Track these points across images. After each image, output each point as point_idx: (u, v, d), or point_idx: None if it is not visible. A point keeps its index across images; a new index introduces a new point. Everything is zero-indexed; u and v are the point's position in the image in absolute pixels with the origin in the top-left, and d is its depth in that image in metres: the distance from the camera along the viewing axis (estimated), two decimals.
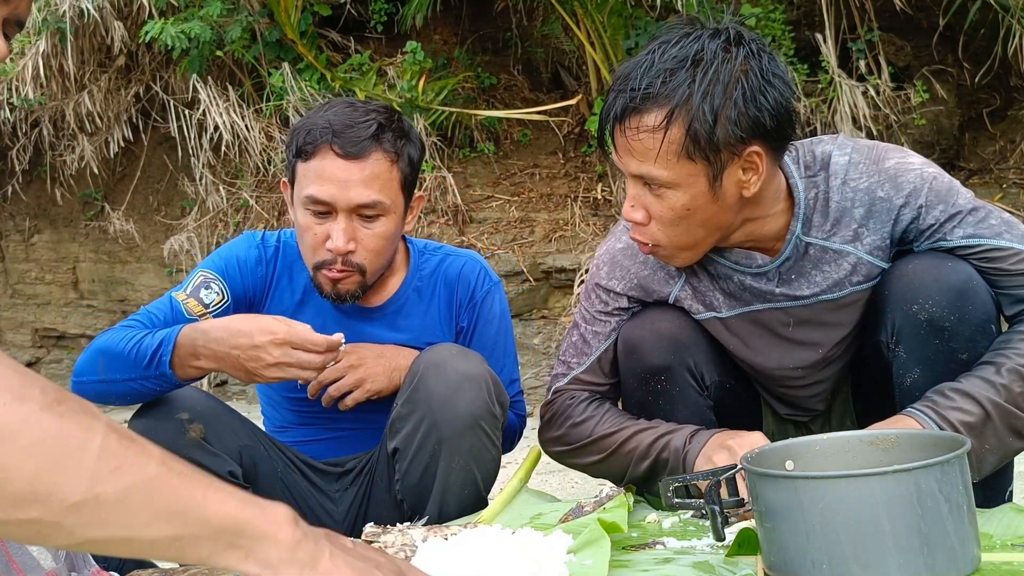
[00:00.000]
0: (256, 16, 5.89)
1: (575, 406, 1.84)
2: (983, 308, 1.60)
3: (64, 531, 0.82)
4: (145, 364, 1.71)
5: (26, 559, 1.40)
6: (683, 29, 1.58)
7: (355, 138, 1.81)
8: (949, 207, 1.63)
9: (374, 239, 1.85)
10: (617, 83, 1.58)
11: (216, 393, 6.36)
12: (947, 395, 1.56)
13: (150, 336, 1.75)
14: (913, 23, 5.46)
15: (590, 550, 1.37)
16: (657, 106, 1.53)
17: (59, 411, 0.83)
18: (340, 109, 1.86)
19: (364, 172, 1.81)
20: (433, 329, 2.01)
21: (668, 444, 1.70)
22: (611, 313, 1.83)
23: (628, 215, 1.65)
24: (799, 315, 1.74)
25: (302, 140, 1.84)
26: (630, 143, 1.57)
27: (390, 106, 1.93)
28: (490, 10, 6.39)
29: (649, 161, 1.56)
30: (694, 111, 1.51)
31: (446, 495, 1.78)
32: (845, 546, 1.21)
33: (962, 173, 5.23)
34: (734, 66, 1.52)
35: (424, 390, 1.77)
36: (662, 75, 1.52)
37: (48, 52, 6.21)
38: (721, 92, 1.51)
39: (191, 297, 1.89)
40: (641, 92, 1.53)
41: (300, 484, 1.97)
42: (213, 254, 2.00)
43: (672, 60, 1.53)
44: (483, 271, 2.06)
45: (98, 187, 6.99)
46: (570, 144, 6.18)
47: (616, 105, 1.57)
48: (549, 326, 5.45)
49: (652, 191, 1.60)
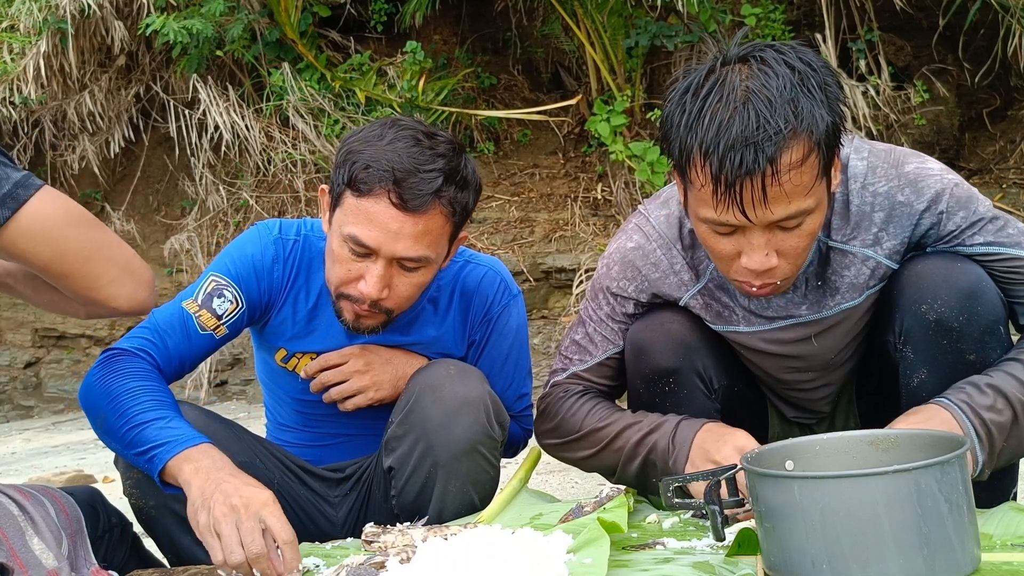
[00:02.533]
0: (256, 16, 5.89)
1: (567, 399, 1.83)
2: (992, 309, 1.60)
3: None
4: (135, 453, 1.61)
5: (29, 557, 1.41)
6: (716, 64, 1.51)
7: (417, 191, 1.66)
8: (970, 214, 1.63)
9: (408, 287, 1.75)
10: (740, 138, 1.44)
11: (216, 392, 6.37)
12: (983, 390, 1.55)
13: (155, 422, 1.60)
14: (913, 23, 5.46)
15: (590, 549, 1.37)
16: (798, 138, 1.46)
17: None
18: (405, 147, 1.69)
19: (418, 227, 1.68)
20: (446, 341, 1.95)
21: (655, 446, 1.69)
22: (619, 320, 1.81)
23: (765, 265, 1.53)
24: (821, 325, 1.73)
25: (360, 173, 1.68)
26: (783, 187, 1.46)
27: (456, 143, 1.77)
28: (490, 10, 6.39)
29: (800, 196, 1.48)
30: (828, 127, 1.47)
31: (443, 515, 1.77)
32: (845, 546, 1.21)
33: (962, 173, 5.23)
34: (818, 70, 1.50)
35: (420, 412, 1.74)
36: (788, 106, 1.45)
37: (49, 52, 6.21)
38: (826, 101, 1.48)
39: (203, 308, 1.79)
40: (785, 131, 1.44)
41: (298, 492, 1.95)
42: (225, 253, 1.87)
43: (786, 91, 1.46)
44: (502, 284, 1.96)
45: (98, 187, 6.99)
46: (570, 144, 6.18)
47: (759, 156, 1.44)
48: (549, 326, 5.45)
49: (785, 228, 1.51)
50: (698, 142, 1.47)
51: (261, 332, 1.94)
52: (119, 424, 1.62)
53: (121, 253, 1.48)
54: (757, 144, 1.43)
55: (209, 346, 1.82)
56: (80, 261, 1.42)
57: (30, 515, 1.46)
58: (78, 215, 1.44)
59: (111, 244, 1.47)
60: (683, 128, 1.49)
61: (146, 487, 1.71)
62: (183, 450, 1.57)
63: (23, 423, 6.61)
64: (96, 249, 1.44)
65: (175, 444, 1.58)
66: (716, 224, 1.52)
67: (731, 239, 1.54)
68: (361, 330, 1.79)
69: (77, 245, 1.42)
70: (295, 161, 6.06)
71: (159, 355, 1.76)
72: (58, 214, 1.40)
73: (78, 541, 1.54)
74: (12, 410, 6.95)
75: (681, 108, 1.50)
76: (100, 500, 1.75)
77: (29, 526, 1.44)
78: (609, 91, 5.61)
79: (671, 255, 1.76)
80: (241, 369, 6.38)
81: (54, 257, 1.40)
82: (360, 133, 1.75)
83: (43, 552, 1.42)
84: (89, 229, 1.45)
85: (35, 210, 1.38)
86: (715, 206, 1.49)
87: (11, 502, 1.45)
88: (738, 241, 1.53)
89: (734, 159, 1.44)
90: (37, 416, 6.82)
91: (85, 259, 1.43)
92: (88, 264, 1.43)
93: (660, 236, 1.77)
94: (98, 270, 1.44)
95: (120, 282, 1.46)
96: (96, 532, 1.67)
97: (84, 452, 4.80)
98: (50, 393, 6.91)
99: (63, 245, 1.41)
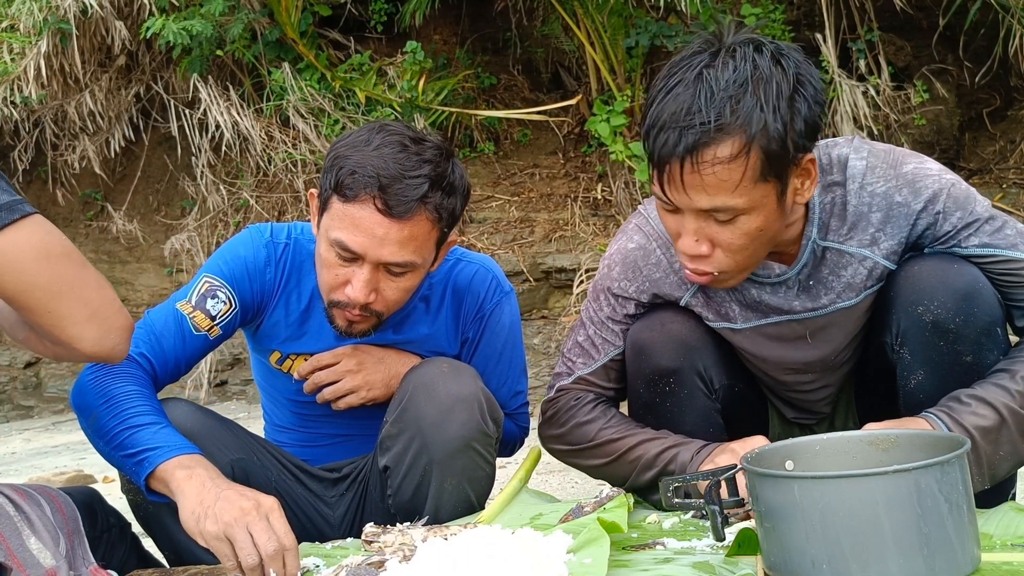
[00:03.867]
0: (256, 15, 5.89)
1: (580, 407, 1.82)
2: (989, 311, 1.59)
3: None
4: (124, 455, 1.61)
5: (26, 556, 1.41)
6: (706, 48, 1.52)
7: (402, 197, 1.67)
8: (967, 215, 1.62)
9: (396, 292, 1.76)
10: (671, 119, 1.46)
11: (215, 392, 6.37)
12: (963, 400, 1.55)
13: (149, 426, 1.61)
14: (913, 23, 5.46)
15: (590, 549, 1.37)
16: (730, 136, 1.45)
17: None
18: (391, 153, 1.69)
19: (403, 233, 1.69)
20: (439, 339, 1.96)
21: (675, 457, 1.69)
22: (620, 321, 1.81)
23: (692, 250, 1.55)
24: (816, 323, 1.73)
25: (346, 178, 1.69)
26: (703, 178, 1.47)
27: (444, 148, 1.77)
28: (490, 10, 6.39)
29: (724, 192, 1.48)
30: (769, 133, 1.46)
31: (439, 512, 1.77)
32: (845, 546, 1.20)
33: (962, 173, 5.23)
34: (790, 77, 1.48)
35: (414, 411, 1.74)
36: (728, 103, 1.45)
37: (49, 52, 6.21)
38: (787, 107, 1.47)
39: (197, 309, 1.80)
40: (713, 125, 1.44)
41: (295, 491, 1.95)
42: (217, 255, 1.89)
43: (732, 85, 1.46)
44: (494, 281, 1.97)
45: (98, 187, 6.99)
46: (570, 144, 6.18)
47: (681, 143, 1.46)
48: (549, 326, 5.45)
49: (718, 220, 1.52)
50: (649, 116, 1.51)
51: (255, 335, 1.94)
52: (112, 425, 1.62)
53: (97, 295, 1.41)
54: (682, 130, 1.46)
55: (203, 347, 1.83)
56: (48, 297, 1.36)
57: (26, 514, 1.46)
58: (59, 250, 1.38)
59: (87, 285, 1.40)
60: (649, 103, 1.53)
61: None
62: (176, 456, 1.57)
63: (23, 423, 6.61)
64: (68, 288, 1.38)
65: (168, 449, 1.58)
66: (661, 200, 1.57)
67: (673, 218, 1.58)
68: (353, 334, 1.80)
69: (47, 280, 1.36)
70: (295, 161, 6.06)
71: (155, 357, 1.77)
72: (35, 246, 1.34)
73: (75, 540, 1.53)
74: (12, 410, 6.95)
75: (656, 85, 1.54)
76: (98, 500, 1.74)
77: (26, 525, 1.44)
78: (609, 91, 5.61)
79: (671, 254, 1.76)
80: (241, 369, 6.38)
81: (21, 289, 1.35)
82: (348, 138, 1.76)
83: (40, 551, 1.42)
84: (66, 266, 1.38)
85: (11, 238, 1.32)
86: (653, 182, 1.54)
87: (7, 501, 1.45)
88: (677, 221, 1.57)
89: (659, 138, 1.48)
90: (37, 416, 6.82)
91: (53, 295, 1.36)
92: (55, 301, 1.37)
93: (660, 236, 1.77)
94: (65, 309, 1.38)
95: (86, 325, 1.40)
96: (94, 532, 1.67)
97: (84, 452, 4.79)
98: (50, 393, 6.91)
99: (33, 279, 1.35)
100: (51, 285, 1.36)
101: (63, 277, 1.37)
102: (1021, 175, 5.34)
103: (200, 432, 1.75)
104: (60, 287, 1.37)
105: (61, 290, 1.37)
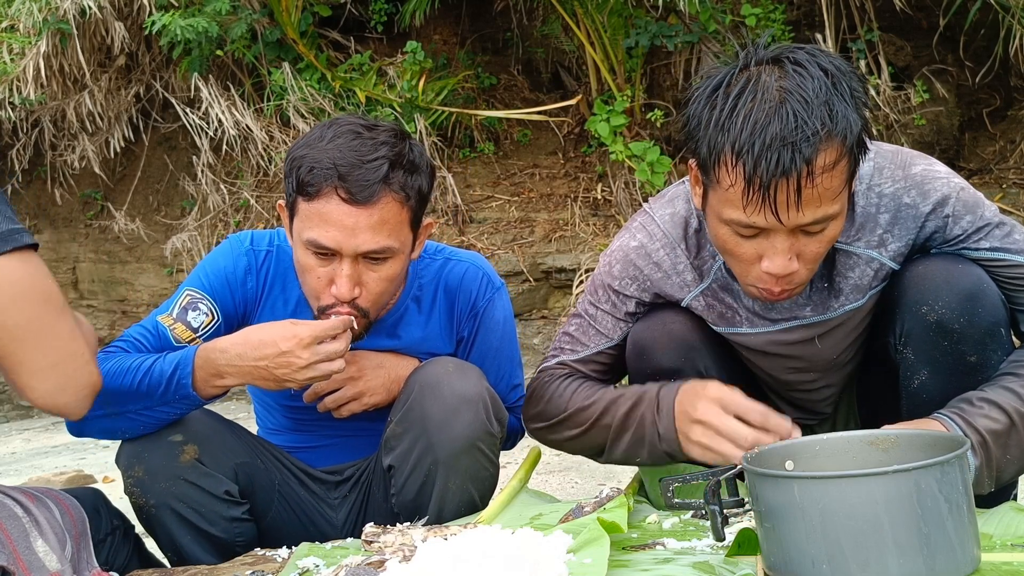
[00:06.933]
0: (257, 15, 5.89)
1: (552, 382, 1.81)
2: (993, 311, 1.59)
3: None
4: (162, 391, 1.65)
5: (32, 559, 1.41)
6: (742, 64, 1.49)
7: (363, 182, 1.67)
8: (976, 219, 1.62)
9: (380, 282, 1.75)
10: (777, 137, 1.41)
11: None
12: (974, 403, 1.55)
13: (159, 361, 1.67)
14: (913, 23, 5.46)
15: (590, 549, 1.37)
16: (832, 141, 1.43)
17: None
18: (346, 142, 1.70)
19: (372, 218, 1.68)
20: (434, 339, 1.96)
21: (642, 419, 1.66)
22: (619, 318, 1.80)
23: (787, 269, 1.51)
24: (825, 326, 1.73)
25: (305, 176, 1.69)
26: (818, 190, 1.43)
27: (398, 130, 1.78)
28: (490, 10, 6.39)
29: (828, 200, 1.45)
30: (855, 131, 1.45)
31: (443, 512, 1.77)
32: (845, 546, 1.21)
33: (962, 173, 5.21)
34: (848, 75, 1.48)
35: (419, 410, 1.74)
36: (823, 108, 1.42)
37: (49, 52, 6.21)
38: (855, 105, 1.46)
39: (178, 321, 1.79)
40: (822, 133, 1.41)
41: (299, 494, 1.95)
42: (199, 267, 1.88)
43: (821, 91, 1.43)
44: (485, 277, 1.97)
45: (98, 187, 6.99)
46: (570, 144, 6.18)
47: (796, 158, 1.41)
48: (549, 326, 5.46)
49: (809, 232, 1.49)
50: (730, 141, 1.44)
51: None
52: (126, 379, 1.67)
53: (65, 348, 1.36)
54: (795, 144, 1.41)
55: None
56: (9, 339, 1.32)
57: (35, 517, 1.46)
58: (36, 294, 1.33)
59: (58, 336, 1.35)
60: (713, 127, 1.47)
61: (147, 485, 1.71)
62: (194, 353, 1.68)
63: (23, 423, 6.61)
64: (35, 335, 1.33)
65: (185, 357, 1.67)
66: (742, 226, 1.50)
67: (754, 242, 1.52)
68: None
69: (14, 322, 1.32)
70: None
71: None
72: (14, 284, 1.30)
73: (81, 543, 1.54)
74: (12, 410, 6.95)
75: (711, 106, 1.48)
76: (103, 502, 1.74)
77: (34, 528, 1.44)
78: (609, 91, 5.62)
79: (674, 255, 1.75)
80: None
81: None
82: (302, 139, 1.77)
83: (47, 554, 1.42)
84: (41, 312, 1.34)
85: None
86: (744, 207, 1.46)
87: (16, 504, 1.45)
88: (760, 244, 1.51)
89: (770, 159, 1.41)
90: (37, 416, 6.82)
91: (15, 338, 1.32)
92: (16, 344, 1.32)
93: (664, 235, 1.76)
94: (24, 356, 1.33)
95: (43, 376, 1.34)
96: (99, 535, 1.66)
97: (84, 452, 4.80)
98: None
99: (0, 317, 1.31)
100: (16, 328, 1.32)
101: (32, 322, 1.33)
102: (1021, 175, 5.34)
103: (205, 435, 1.76)
104: (26, 332, 1.33)
105: (26, 336, 1.33)
